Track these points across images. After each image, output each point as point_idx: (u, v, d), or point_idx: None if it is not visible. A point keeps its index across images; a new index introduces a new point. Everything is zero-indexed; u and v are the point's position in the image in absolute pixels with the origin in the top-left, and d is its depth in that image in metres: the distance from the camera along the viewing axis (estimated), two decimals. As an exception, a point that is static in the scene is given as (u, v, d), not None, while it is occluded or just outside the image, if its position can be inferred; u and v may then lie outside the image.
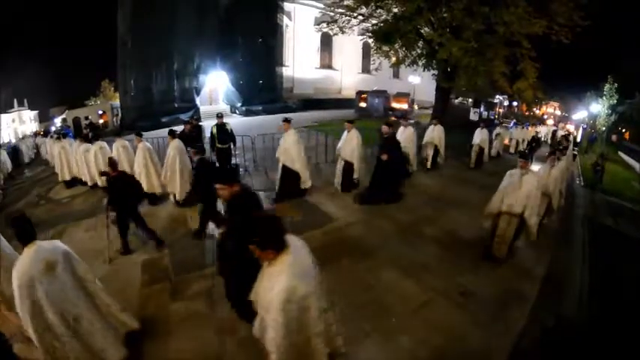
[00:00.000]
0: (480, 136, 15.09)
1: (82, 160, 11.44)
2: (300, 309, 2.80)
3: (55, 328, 3.70)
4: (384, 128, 9.28)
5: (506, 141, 21.56)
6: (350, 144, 9.76)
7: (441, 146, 13.33)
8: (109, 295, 4.50)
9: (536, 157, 18.41)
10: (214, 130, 10.64)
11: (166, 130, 10.55)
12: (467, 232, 7.84)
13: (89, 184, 11.15)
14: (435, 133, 13.24)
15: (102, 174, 7.84)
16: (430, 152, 13.39)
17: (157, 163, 9.85)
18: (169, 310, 5.33)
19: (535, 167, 13.70)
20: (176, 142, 9.11)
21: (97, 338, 4.07)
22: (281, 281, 2.72)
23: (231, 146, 10.80)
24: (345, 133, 9.93)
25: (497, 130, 19.10)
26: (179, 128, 11.03)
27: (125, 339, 4.47)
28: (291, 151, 9.26)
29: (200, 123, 12.63)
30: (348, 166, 9.89)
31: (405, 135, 11.71)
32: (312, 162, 12.71)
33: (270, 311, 2.77)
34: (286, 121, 9.46)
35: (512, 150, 21.19)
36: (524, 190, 6.50)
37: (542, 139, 26.72)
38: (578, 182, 17.34)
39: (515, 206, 6.56)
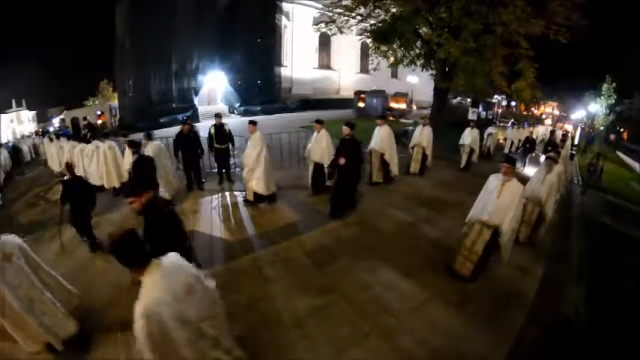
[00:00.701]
0: (470, 136, 14.63)
1: (79, 161, 11.47)
2: (164, 328, 2.74)
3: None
4: (345, 129, 8.44)
5: (501, 140, 21.47)
6: (319, 145, 9.61)
7: (429, 149, 12.58)
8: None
9: (530, 159, 17.65)
10: (212, 131, 10.60)
11: (166, 130, 10.55)
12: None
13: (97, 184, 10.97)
14: (424, 136, 12.57)
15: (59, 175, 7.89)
16: (419, 156, 12.69)
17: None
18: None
19: (529, 171, 13.62)
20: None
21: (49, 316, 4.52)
22: (141, 296, 2.75)
23: (230, 147, 10.77)
24: (315, 134, 9.79)
25: (490, 129, 18.76)
26: (178, 129, 11.00)
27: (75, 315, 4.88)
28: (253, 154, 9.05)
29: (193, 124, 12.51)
30: (318, 168, 9.83)
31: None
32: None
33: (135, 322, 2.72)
34: (252, 123, 9.35)
35: (506, 150, 20.18)
36: (502, 200, 5.67)
37: (539, 139, 24.77)
38: (576, 182, 17.34)
39: (492, 216, 5.71)
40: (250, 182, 9.16)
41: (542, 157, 14.44)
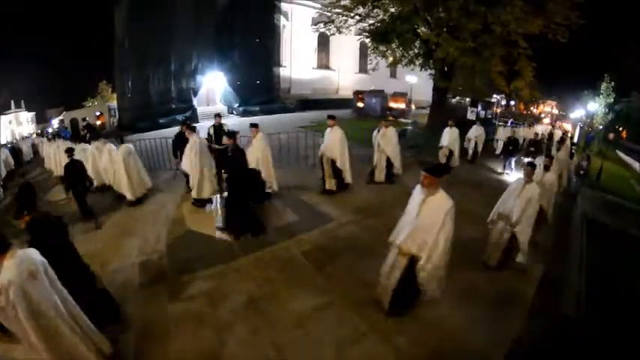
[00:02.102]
0: (448, 136, 13.56)
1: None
2: (12, 302, 3.37)
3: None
4: (225, 139, 7.76)
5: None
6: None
7: (395, 156, 11.06)
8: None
9: (517, 163, 15.24)
10: (211, 131, 10.61)
11: (164, 130, 10.57)
12: (464, 233, 7.84)
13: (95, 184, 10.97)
14: (385, 139, 10.89)
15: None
16: (383, 163, 11.13)
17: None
18: (168, 311, 5.32)
19: (513, 176, 13.25)
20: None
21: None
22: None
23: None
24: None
25: (475, 129, 15.88)
26: (177, 129, 11.01)
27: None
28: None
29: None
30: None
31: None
32: (310, 162, 12.73)
33: None
34: (254, 126, 9.35)
35: (498, 152, 18.07)
36: (422, 220, 4.63)
37: (526, 140, 21.13)
38: (575, 180, 17.35)
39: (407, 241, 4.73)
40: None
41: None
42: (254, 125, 9.33)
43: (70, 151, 9.56)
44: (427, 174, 4.56)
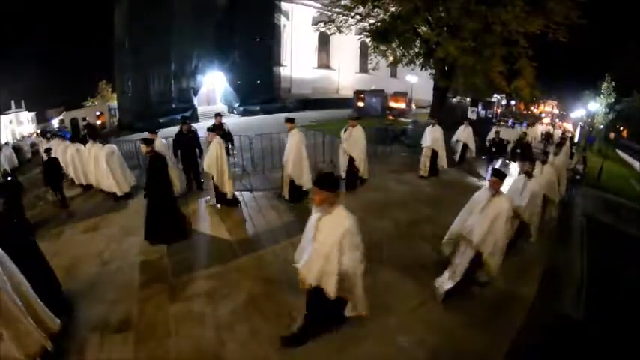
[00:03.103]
0: (431, 136, 12.21)
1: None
2: None
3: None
4: (142, 147, 7.38)
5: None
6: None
7: (361, 159, 10.38)
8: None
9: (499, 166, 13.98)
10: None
11: (164, 130, 10.60)
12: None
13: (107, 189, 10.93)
14: (351, 140, 10.27)
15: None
16: (346, 167, 10.47)
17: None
18: (168, 311, 5.33)
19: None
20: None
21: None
22: None
23: (229, 146, 10.77)
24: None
25: (463, 129, 14.63)
26: (176, 129, 11.02)
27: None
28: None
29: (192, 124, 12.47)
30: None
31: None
32: (310, 162, 12.71)
33: None
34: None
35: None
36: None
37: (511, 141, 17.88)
38: (578, 178, 17.31)
39: None
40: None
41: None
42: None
43: (48, 151, 11.52)
44: (317, 188, 3.89)
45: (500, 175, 5.23)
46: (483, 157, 14.88)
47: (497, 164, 13.88)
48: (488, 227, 5.16)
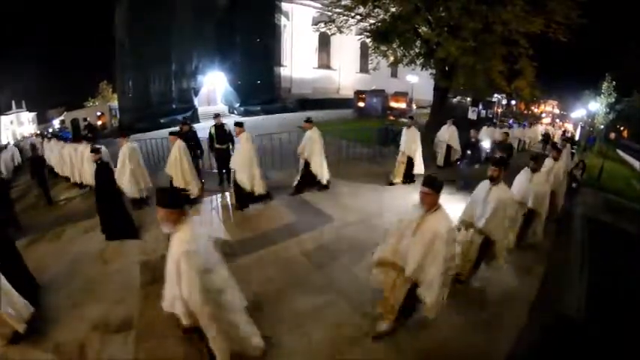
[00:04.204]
0: (405, 138, 11.15)
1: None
2: None
3: None
4: (91, 156, 7.94)
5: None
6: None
7: (319, 164, 10.01)
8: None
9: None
10: (212, 131, 10.64)
11: (165, 130, 10.61)
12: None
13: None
14: (309, 143, 9.91)
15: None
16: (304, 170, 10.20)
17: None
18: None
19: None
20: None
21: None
22: None
23: (230, 147, 10.77)
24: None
25: (446, 130, 13.73)
26: (177, 129, 11.04)
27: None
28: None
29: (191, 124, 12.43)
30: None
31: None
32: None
33: None
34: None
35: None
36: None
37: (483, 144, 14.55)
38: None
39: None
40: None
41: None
42: (239, 124, 9.26)
43: (33, 148, 13.71)
44: (159, 207, 3.51)
45: (431, 185, 4.03)
46: (458, 162, 12.45)
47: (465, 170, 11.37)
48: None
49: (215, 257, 3.85)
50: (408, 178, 11.31)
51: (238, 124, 9.13)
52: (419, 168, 11.29)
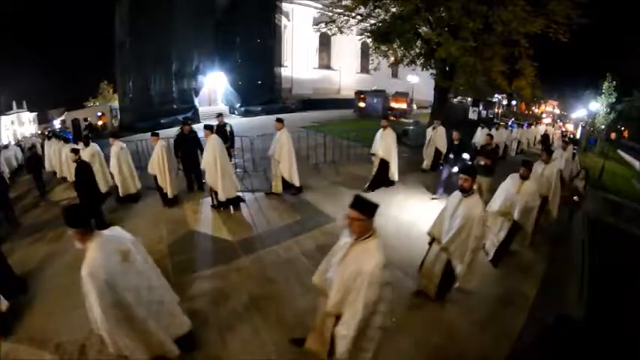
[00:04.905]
0: (382, 141, 10.39)
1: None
2: None
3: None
4: (71, 156, 8.41)
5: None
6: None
7: (289, 165, 9.74)
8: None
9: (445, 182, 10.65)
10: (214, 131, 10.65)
11: (166, 130, 10.65)
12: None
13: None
14: (277, 145, 9.66)
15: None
16: (279, 172, 9.92)
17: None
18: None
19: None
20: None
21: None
22: None
23: (231, 147, 10.79)
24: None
25: (433, 130, 13.02)
26: (177, 129, 11.07)
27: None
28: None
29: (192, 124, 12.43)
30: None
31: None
32: (312, 162, 12.77)
33: None
34: (279, 120, 9.65)
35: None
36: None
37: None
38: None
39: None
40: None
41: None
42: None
43: (31, 148, 14.99)
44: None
45: (361, 208, 3.43)
46: (441, 167, 10.98)
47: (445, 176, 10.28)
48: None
49: (134, 268, 3.76)
50: (380, 184, 10.57)
51: (207, 127, 9.23)
52: (393, 174, 10.57)
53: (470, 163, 9.40)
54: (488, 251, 6.86)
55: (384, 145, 10.25)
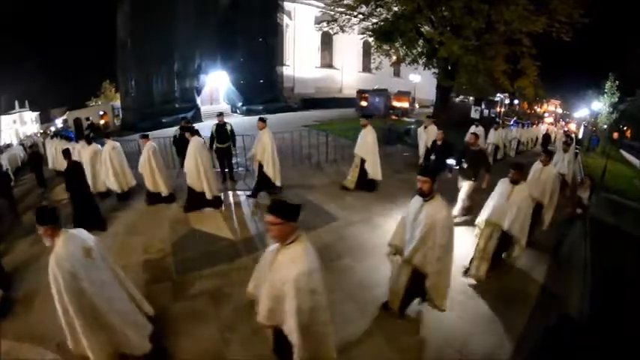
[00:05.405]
0: (361, 140, 10.04)
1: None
2: None
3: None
4: (67, 161, 8.51)
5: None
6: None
7: (269, 164, 9.39)
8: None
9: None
10: (213, 130, 10.64)
11: (168, 130, 10.68)
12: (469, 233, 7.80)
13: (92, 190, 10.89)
14: (259, 145, 9.42)
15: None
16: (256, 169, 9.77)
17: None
18: (171, 310, 5.33)
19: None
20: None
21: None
22: None
23: (231, 146, 10.77)
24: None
25: (425, 130, 12.38)
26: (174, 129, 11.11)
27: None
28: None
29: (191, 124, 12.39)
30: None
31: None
32: (314, 161, 12.77)
33: None
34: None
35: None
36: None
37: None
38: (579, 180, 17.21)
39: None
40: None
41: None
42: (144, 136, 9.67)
43: (32, 146, 16.68)
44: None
45: (278, 211, 2.99)
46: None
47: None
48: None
49: (96, 264, 3.98)
50: (362, 184, 10.25)
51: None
52: (376, 174, 10.16)
53: (456, 168, 8.63)
54: (476, 273, 6.13)
55: (364, 144, 9.96)
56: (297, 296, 2.91)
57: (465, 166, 8.37)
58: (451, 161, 8.87)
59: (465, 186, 8.41)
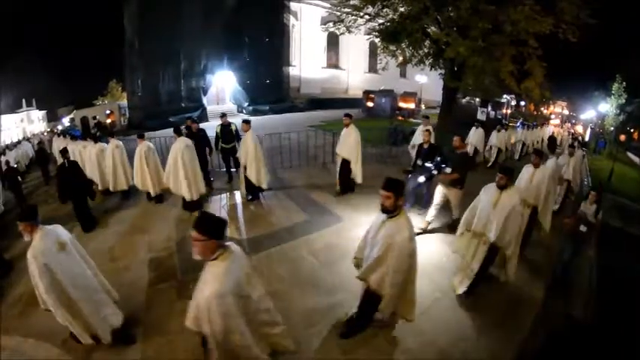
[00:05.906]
0: (342, 139, 9.76)
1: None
2: None
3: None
4: (63, 159, 8.79)
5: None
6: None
7: (253, 167, 9.16)
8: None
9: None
10: (218, 130, 10.67)
11: (169, 130, 10.76)
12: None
13: (100, 188, 10.98)
14: (244, 147, 9.20)
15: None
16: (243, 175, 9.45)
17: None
18: (176, 309, 5.34)
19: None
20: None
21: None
22: None
23: (236, 146, 10.79)
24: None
25: (421, 131, 10.79)
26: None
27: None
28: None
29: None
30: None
31: (345, 139, 10.50)
32: (320, 161, 12.77)
33: None
34: (246, 122, 9.27)
35: (490, 163, 16.00)
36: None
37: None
38: (586, 183, 17.15)
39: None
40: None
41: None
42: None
43: (39, 143, 17.54)
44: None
45: (200, 228, 3.07)
46: (408, 176, 9.36)
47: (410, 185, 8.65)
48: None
49: (70, 258, 4.39)
50: (347, 187, 10.01)
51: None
52: (357, 176, 9.80)
53: (436, 172, 7.73)
54: (457, 286, 5.74)
55: (346, 144, 9.60)
56: (210, 318, 2.94)
57: (448, 171, 7.40)
58: (429, 165, 7.89)
59: (452, 195, 7.64)
